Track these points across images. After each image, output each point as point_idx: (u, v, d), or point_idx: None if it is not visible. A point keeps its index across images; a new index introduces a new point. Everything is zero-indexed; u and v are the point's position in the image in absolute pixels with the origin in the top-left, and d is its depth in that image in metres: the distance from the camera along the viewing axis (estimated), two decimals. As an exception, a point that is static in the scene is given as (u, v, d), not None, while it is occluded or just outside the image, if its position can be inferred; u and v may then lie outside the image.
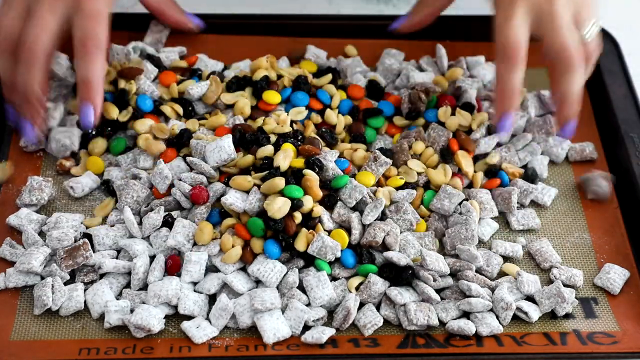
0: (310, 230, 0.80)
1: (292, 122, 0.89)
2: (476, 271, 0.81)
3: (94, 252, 0.81)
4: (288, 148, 0.83)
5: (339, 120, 0.90)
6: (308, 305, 0.78)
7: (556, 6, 0.83)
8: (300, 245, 0.79)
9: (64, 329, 0.78)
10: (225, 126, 0.88)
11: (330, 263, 0.80)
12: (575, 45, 0.83)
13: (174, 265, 0.80)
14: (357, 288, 0.79)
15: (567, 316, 0.80)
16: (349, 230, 0.81)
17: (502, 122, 0.85)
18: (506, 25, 0.83)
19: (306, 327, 0.78)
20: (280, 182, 0.79)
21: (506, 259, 0.84)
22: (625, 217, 0.87)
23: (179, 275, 0.79)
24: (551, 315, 0.80)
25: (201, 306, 0.78)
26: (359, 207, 0.83)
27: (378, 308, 0.79)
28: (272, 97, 0.91)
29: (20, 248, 0.82)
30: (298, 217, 0.80)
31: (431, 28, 0.97)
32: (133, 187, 0.83)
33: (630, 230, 0.86)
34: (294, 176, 0.81)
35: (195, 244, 0.81)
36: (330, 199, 0.82)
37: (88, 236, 0.82)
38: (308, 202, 0.80)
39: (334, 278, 0.80)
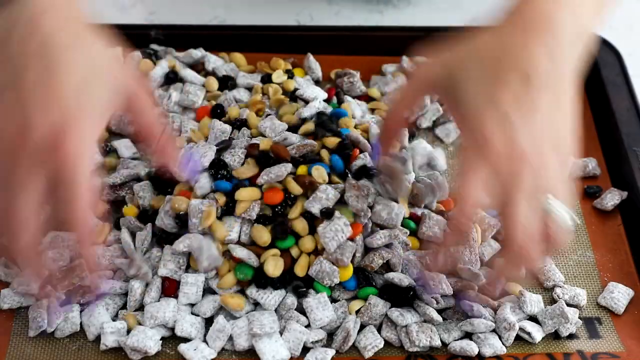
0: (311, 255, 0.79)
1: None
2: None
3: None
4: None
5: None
6: (307, 327, 0.77)
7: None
8: (299, 270, 0.78)
9: (59, 351, 0.76)
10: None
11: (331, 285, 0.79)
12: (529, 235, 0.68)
13: (170, 286, 0.78)
14: (357, 312, 0.78)
15: (571, 336, 0.79)
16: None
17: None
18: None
19: (305, 349, 0.76)
20: (265, 235, 0.77)
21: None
22: (629, 234, 0.86)
23: (176, 297, 0.78)
24: (554, 336, 0.79)
25: (198, 328, 0.77)
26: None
27: (379, 329, 0.78)
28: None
29: (16, 268, 0.80)
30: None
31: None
32: None
33: (634, 248, 0.85)
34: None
35: (189, 266, 0.79)
36: None
37: (84, 256, 0.80)
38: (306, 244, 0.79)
39: (334, 300, 0.79)
